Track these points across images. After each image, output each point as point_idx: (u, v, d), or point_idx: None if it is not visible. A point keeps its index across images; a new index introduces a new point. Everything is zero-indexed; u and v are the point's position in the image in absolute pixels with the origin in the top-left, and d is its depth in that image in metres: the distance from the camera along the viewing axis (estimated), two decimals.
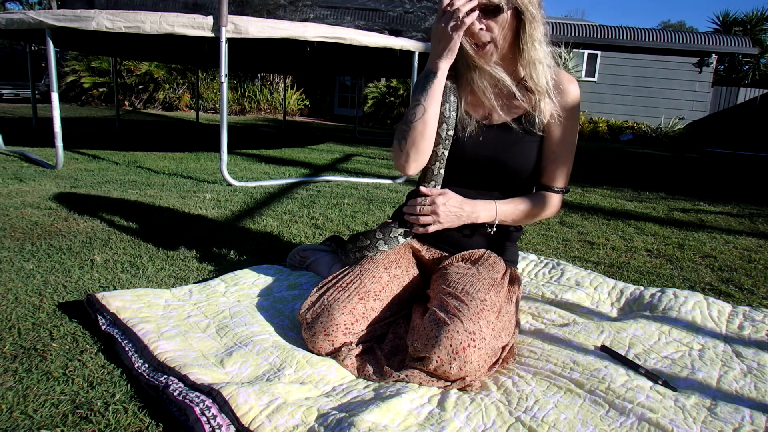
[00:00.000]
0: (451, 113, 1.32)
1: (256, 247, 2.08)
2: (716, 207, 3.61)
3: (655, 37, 11.50)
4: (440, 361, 1.08)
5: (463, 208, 1.34)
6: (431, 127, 1.28)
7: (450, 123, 1.33)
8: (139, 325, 1.24)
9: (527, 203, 1.38)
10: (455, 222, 1.35)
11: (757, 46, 12.72)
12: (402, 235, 1.40)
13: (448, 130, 1.33)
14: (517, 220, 1.40)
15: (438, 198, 1.33)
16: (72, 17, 3.29)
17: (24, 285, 1.55)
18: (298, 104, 13.01)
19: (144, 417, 0.97)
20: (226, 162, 3.41)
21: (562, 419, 0.99)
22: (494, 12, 1.21)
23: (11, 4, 16.26)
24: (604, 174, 5.19)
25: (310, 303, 1.27)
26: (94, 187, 3.08)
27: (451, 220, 1.34)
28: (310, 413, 0.96)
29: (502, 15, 1.22)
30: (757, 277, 2.04)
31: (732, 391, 1.13)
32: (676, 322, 1.45)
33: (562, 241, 2.45)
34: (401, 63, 4.47)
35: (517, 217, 1.39)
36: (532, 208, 1.39)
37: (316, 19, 3.94)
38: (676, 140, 10.64)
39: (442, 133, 1.33)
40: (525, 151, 1.35)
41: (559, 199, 1.42)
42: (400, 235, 1.40)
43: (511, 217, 1.38)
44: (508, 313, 1.24)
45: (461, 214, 1.34)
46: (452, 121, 1.33)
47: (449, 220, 1.34)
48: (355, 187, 3.62)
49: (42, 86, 10.45)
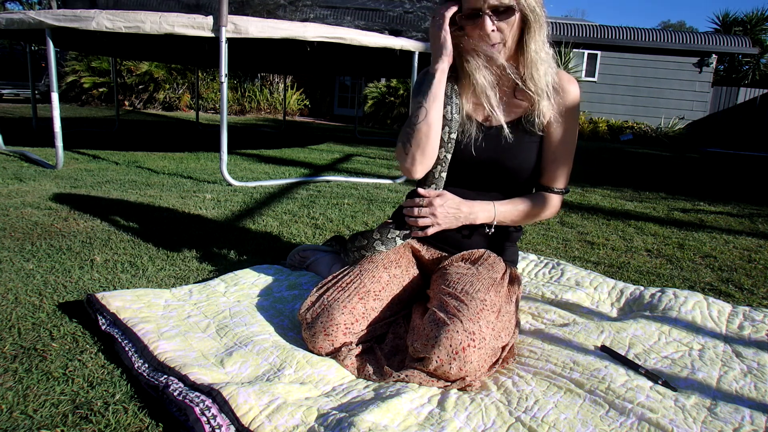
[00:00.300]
0: (453, 115, 1.32)
1: (256, 247, 2.08)
2: (716, 207, 3.61)
3: (655, 37, 11.50)
4: (440, 361, 1.08)
5: (461, 209, 1.34)
6: (435, 129, 1.28)
7: (453, 126, 1.32)
8: (139, 325, 1.24)
9: (526, 204, 1.38)
10: (453, 223, 1.35)
11: (757, 46, 12.72)
12: (400, 236, 1.40)
13: (450, 133, 1.32)
14: (515, 220, 1.39)
15: (436, 199, 1.32)
16: (72, 17, 3.29)
17: (24, 285, 1.55)
18: (298, 104, 13.01)
19: (144, 417, 0.97)
20: (226, 162, 3.41)
21: (562, 419, 0.99)
22: (506, 13, 1.21)
23: (11, 4, 16.26)
24: (604, 174, 5.19)
25: (310, 303, 1.27)
26: (94, 187, 3.08)
27: (449, 221, 1.34)
28: (310, 413, 0.96)
29: (513, 16, 1.22)
30: (757, 277, 2.04)
31: (732, 391, 1.13)
32: (676, 322, 1.45)
33: (562, 241, 2.45)
34: (401, 63, 4.47)
35: (515, 218, 1.39)
36: (531, 209, 1.39)
37: (316, 19, 3.94)
38: (676, 140, 10.64)
39: (444, 136, 1.32)
40: (525, 152, 1.35)
41: (559, 199, 1.42)
42: (398, 236, 1.39)
43: (510, 217, 1.38)
44: (507, 313, 1.24)
45: (459, 215, 1.34)
46: (455, 124, 1.33)
47: (447, 221, 1.34)
48: (355, 187, 3.62)
49: (42, 86, 10.44)
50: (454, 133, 1.33)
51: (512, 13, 1.21)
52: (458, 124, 1.34)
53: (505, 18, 1.22)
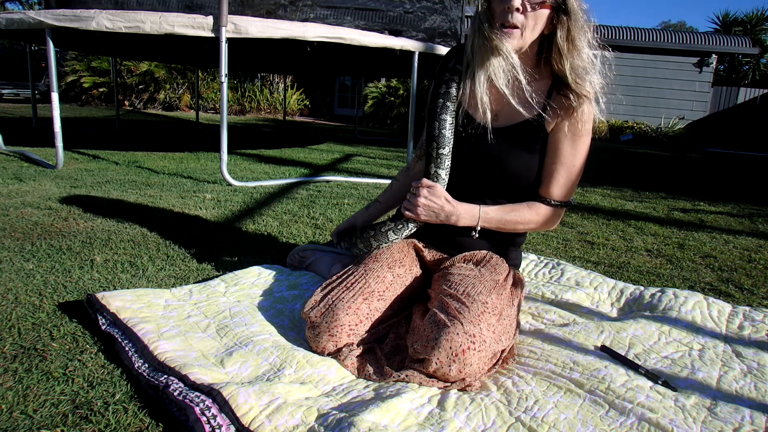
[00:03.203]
0: (441, 132, 1.32)
1: (256, 247, 2.08)
2: (716, 207, 3.61)
3: (655, 37, 11.50)
4: (439, 363, 1.07)
5: (444, 207, 1.31)
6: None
7: (441, 141, 1.32)
8: (139, 325, 1.24)
9: (517, 212, 1.34)
10: (432, 218, 1.33)
11: (757, 46, 12.72)
12: (393, 229, 1.39)
13: (438, 148, 1.32)
14: (502, 228, 1.35)
15: (423, 190, 1.31)
16: (72, 17, 3.29)
17: (24, 285, 1.55)
18: (298, 104, 13.01)
19: (144, 417, 0.97)
20: (226, 162, 3.41)
21: (562, 419, 0.99)
22: (539, 2, 1.18)
23: (11, 4, 16.26)
24: (604, 174, 5.18)
25: (314, 302, 1.25)
26: (94, 187, 3.08)
27: (428, 214, 1.32)
28: (310, 413, 0.96)
29: (543, 10, 1.19)
30: (757, 277, 2.04)
31: (732, 391, 1.13)
32: (676, 322, 1.45)
33: (562, 241, 2.45)
34: (401, 63, 4.47)
35: (502, 226, 1.35)
36: (520, 218, 1.34)
37: (316, 19, 3.94)
38: (676, 140, 10.64)
39: (432, 152, 1.33)
40: (529, 156, 1.32)
41: (552, 211, 1.35)
42: (391, 230, 1.39)
43: (495, 224, 1.34)
44: (509, 316, 1.22)
45: (440, 212, 1.31)
46: (443, 140, 1.32)
47: (426, 213, 1.32)
48: (355, 187, 3.62)
49: (42, 86, 10.43)
50: (443, 149, 1.32)
51: (545, 4, 1.18)
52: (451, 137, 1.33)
53: (537, 5, 1.18)
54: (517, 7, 1.18)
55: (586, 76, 1.24)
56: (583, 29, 1.22)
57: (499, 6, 1.20)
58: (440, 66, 1.37)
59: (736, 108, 11.69)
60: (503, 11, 1.19)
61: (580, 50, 1.23)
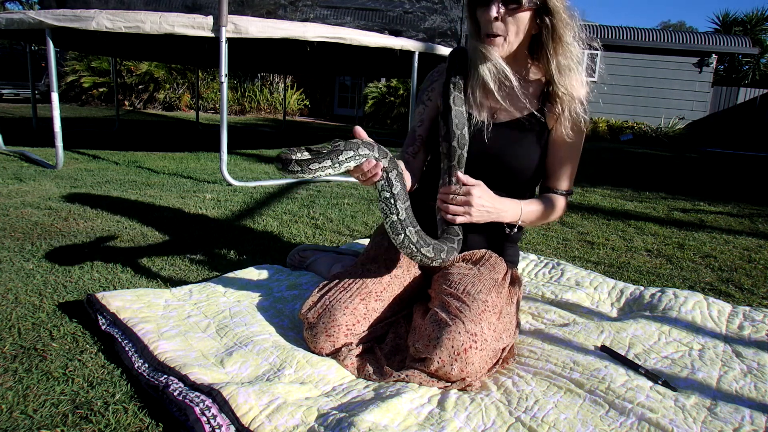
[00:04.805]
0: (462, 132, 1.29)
1: (256, 247, 2.08)
2: (716, 207, 3.61)
3: (655, 37, 11.50)
4: (441, 362, 1.07)
5: (495, 205, 1.25)
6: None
7: (461, 142, 1.29)
8: (139, 325, 1.24)
9: (543, 205, 1.36)
10: (485, 218, 1.25)
11: (757, 46, 12.72)
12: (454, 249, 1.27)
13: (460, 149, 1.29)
14: (533, 221, 1.37)
15: (474, 189, 1.21)
16: (72, 17, 3.29)
17: (24, 285, 1.55)
18: (298, 104, 13.01)
19: (144, 417, 0.97)
20: (226, 162, 3.41)
21: (562, 419, 0.99)
22: (514, 2, 1.18)
23: (11, 4, 16.26)
24: (604, 174, 5.18)
25: (312, 303, 1.26)
26: (94, 187, 3.08)
27: (481, 215, 1.24)
28: (310, 413, 0.96)
29: (521, 14, 1.20)
30: (757, 277, 2.04)
31: (732, 391, 1.13)
32: (676, 322, 1.45)
33: (562, 241, 2.45)
34: (401, 63, 4.47)
35: (534, 219, 1.36)
36: (545, 210, 1.36)
37: (316, 19, 3.94)
38: (676, 140, 10.64)
39: (453, 153, 1.29)
40: (527, 151, 1.34)
41: (565, 201, 1.40)
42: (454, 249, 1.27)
43: (531, 218, 1.34)
44: (509, 314, 1.23)
45: (491, 210, 1.25)
46: (463, 140, 1.29)
47: (480, 215, 1.23)
48: (355, 187, 3.62)
49: (42, 86, 10.43)
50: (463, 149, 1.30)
51: (520, 8, 1.19)
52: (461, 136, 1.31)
53: (513, 11, 1.19)
54: (495, 17, 1.20)
55: (570, 73, 1.26)
56: (569, 26, 1.23)
57: (481, 17, 1.24)
58: (447, 69, 1.37)
59: (736, 108, 11.69)
60: (486, 22, 1.22)
61: (568, 47, 1.24)
